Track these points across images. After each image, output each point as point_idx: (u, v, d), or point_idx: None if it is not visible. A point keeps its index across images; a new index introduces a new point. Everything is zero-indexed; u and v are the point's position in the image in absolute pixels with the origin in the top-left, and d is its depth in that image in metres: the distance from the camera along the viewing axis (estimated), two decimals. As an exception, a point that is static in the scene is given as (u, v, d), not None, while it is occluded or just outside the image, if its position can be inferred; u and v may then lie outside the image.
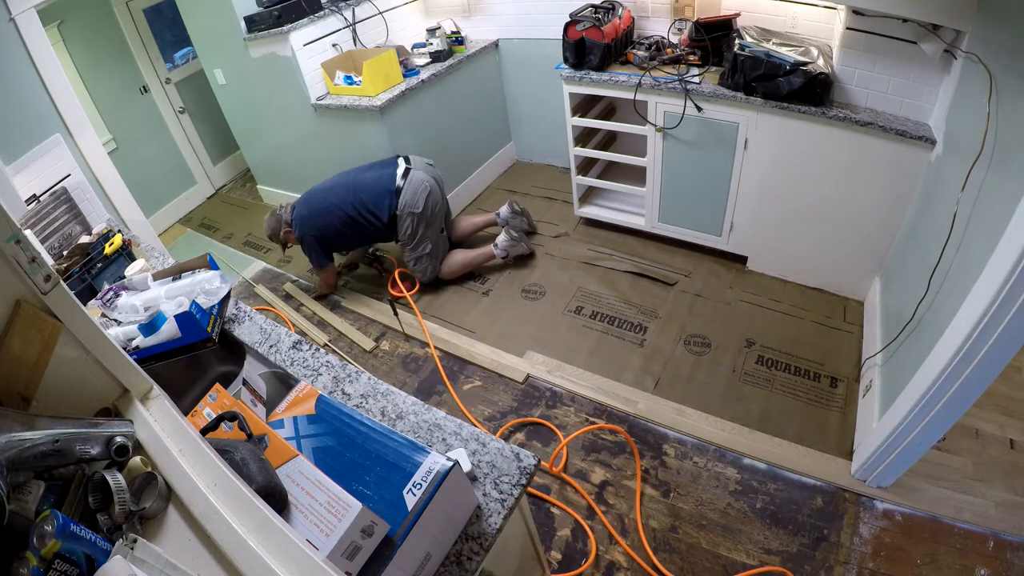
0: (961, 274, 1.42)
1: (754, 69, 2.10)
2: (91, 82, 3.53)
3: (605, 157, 2.94)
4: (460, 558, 0.88)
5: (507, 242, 2.91)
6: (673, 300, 2.62)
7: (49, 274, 0.76)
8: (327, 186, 2.73)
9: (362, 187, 2.63)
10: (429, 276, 2.84)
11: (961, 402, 1.41)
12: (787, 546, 1.68)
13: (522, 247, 2.94)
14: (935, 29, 1.77)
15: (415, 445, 0.84)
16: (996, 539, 1.61)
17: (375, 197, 2.61)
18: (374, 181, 2.64)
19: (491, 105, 3.63)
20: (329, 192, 2.68)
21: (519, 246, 2.93)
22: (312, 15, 2.92)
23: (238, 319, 1.49)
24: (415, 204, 2.60)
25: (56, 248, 1.90)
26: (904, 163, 1.99)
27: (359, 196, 2.62)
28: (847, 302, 2.46)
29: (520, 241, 2.94)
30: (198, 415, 1.01)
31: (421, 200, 2.60)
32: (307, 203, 2.71)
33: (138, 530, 0.73)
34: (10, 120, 2.15)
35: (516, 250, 2.93)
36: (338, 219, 2.64)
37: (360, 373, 1.24)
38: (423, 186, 2.61)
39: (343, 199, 2.63)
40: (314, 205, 2.68)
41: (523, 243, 2.95)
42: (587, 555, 1.73)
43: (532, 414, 2.19)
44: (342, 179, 2.72)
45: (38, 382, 0.79)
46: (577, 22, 2.49)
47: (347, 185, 2.67)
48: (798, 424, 2.01)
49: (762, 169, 2.34)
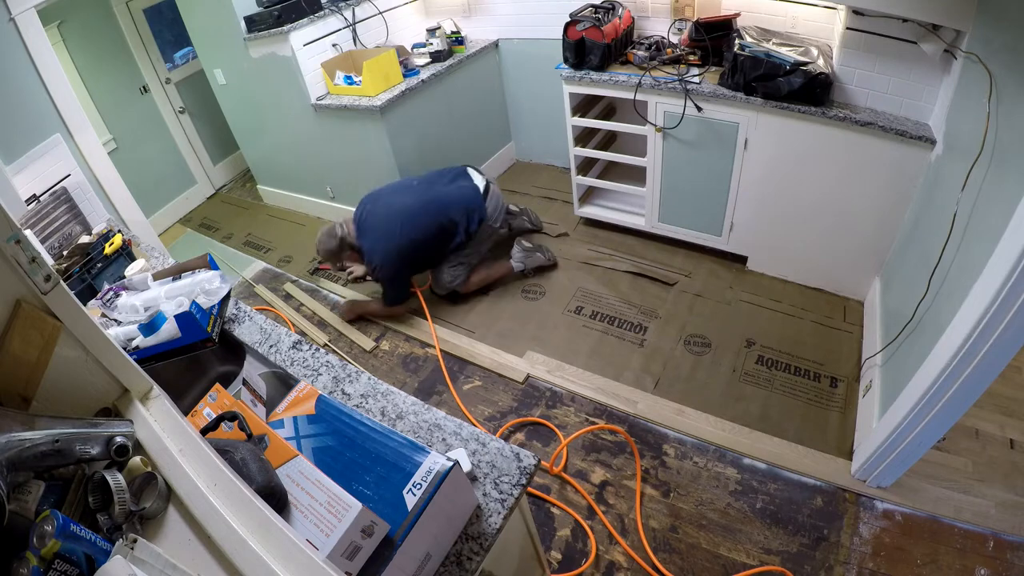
0: (961, 274, 1.42)
1: (754, 69, 2.10)
2: (91, 82, 3.53)
3: (605, 157, 2.94)
4: (460, 558, 0.88)
5: (521, 254, 2.83)
6: (673, 300, 2.62)
7: (49, 274, 0.76)
8: (406, 206, 2.45)
9: (447, 202, 2.48)
10: (457, 285, 2.68)
11: (961, 402, 1.41)
12: (787, 546, 1.68)
13: (539, 257, 2.85)
14: (935, 29, 1.77)
15: (415, 445, 0.84)
16: (996, 539, 1.61)
17: (466, 212, 2.48)
18: (458, 196, 2.50)
19: (491, 105, 3.63)
20: (414, 214, 2.44)
21: (535, 256, 2.84)
22: (312, 15, 2.92)
23: (238, 319, 1.49)
24: (495, 220, 2.59)
25: (56, 248, 1.90)
26: (904, 163, 1.99)
27: (448, 214, 2.46)
28: (847, 302, 2.46)
29: (535, 252, 2.85)
30: (198, 415, 1.01)
31: (499, 218, 2.59)
32: (387, 232, 2.41)
33: (138, 530, 0.73)
34: (10, 120, 2.15)
35: (533, 261, 2.83)
36: (426, 242, 2.46)
37: (360, 373, 1.24)
38: (501, 203, 2.60)
39: (435, 217, 2.44)
40: (397, 235, 2.40)
41: (539, 253, 2.85)
42: (587, 555, 1.73)
43: (532, 414, 2.19)
44: (415, 196, 2.49)
45: (38, 382, 0.79)
46: (577, 22, 2.49)
47: (433, 202, 2.47)
48: (798, 424, 2.01)
49: (762, 169, 2.34)
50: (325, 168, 3.45)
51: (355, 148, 3.13)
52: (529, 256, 2.83)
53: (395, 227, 2.42)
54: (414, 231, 2.43)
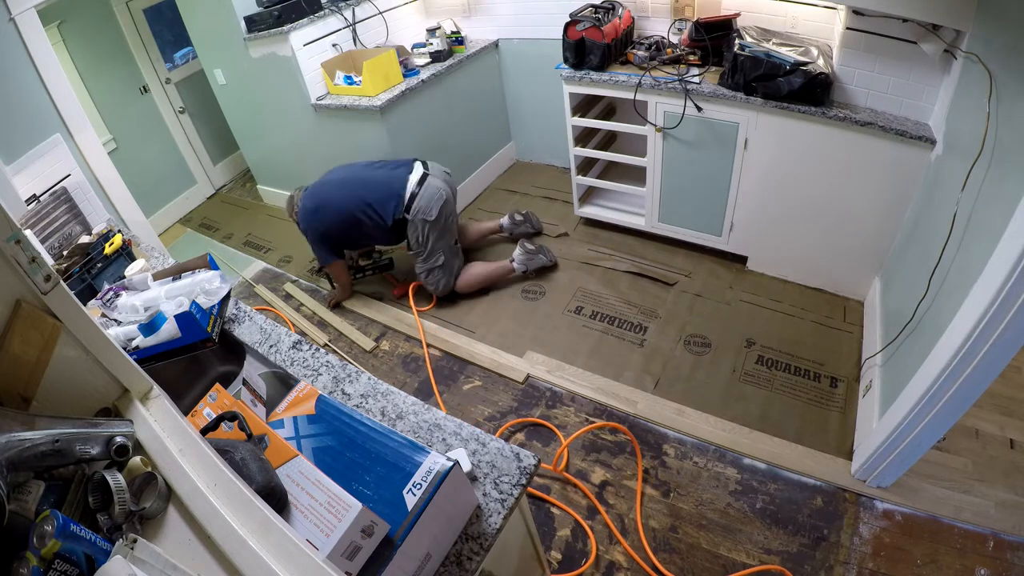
0: (961, 274, 1.42)
1: (754, 69, 2.10)
2: (91, 82, 3.53)
3: (605, 157, 2.94)
4: (460, 558, 0.88)
5: (523, 256, 2.82)
6: (673, 300, 2.62)
7: (49, 274, 0.76)
8: (334, 179, 2.66)
9: (370, 184, 2.56)
10: (443, 290, 2.74)
11: (961, 402, 1.41)
12: (787, 546, 1.68)
13: (541, 259, 2.85)
14: (935, 29, 1.77)
15: (415, 445, 0.84)
16: (996, 539, 1.61)
17: (382, 197, 2.53)
18: (384, 181, 2.56)
19: (491, 105, 3.62)
20: (335, 187, 2.61)
21: (537, 259, 2.84)
22: (312, 15, 2.92)
23: (238, 319, 1.49)
24: (428, 212, 2.51)
25: (56, 248, 1.90)
26: (904, 163, 1.99)
27: (364, 194, 2.54)
28: (847, 302, 2.46)
29: (537, 253, 2.84)
30: (198, 415, 1.01)
31: (435, 209, 2.52)
32: (313, 196, 2.63)
33: (138, 530, 0.73)
34: (10, 120, 2.15)
35: (535, 263, 2.84)
36: (341, 216, 2.57)
37: (360, 373, 1.24)
38: (439, 194, 2.53)
39: (349, 195, 2.56)
40: (319, 198, 2.61)
41: (541, 255, 2.85)
42: (587, 555, 1.73)
43: (532, 414, 2.19)
44: (350, 173, 2.65)
45: (38, 382, 0.79)
46: (577, 22, 2.49)
47: (355, 180, 2.60)
48: (798, 424, 2.01)
49: (762, 169, 2.34)
50: (325, 168, 3.40)
51: (355, 148, 3.13)
52: (531, 258, 2.83)
53: (321, 192, 2.63)
54: (326, 203, 2.59)
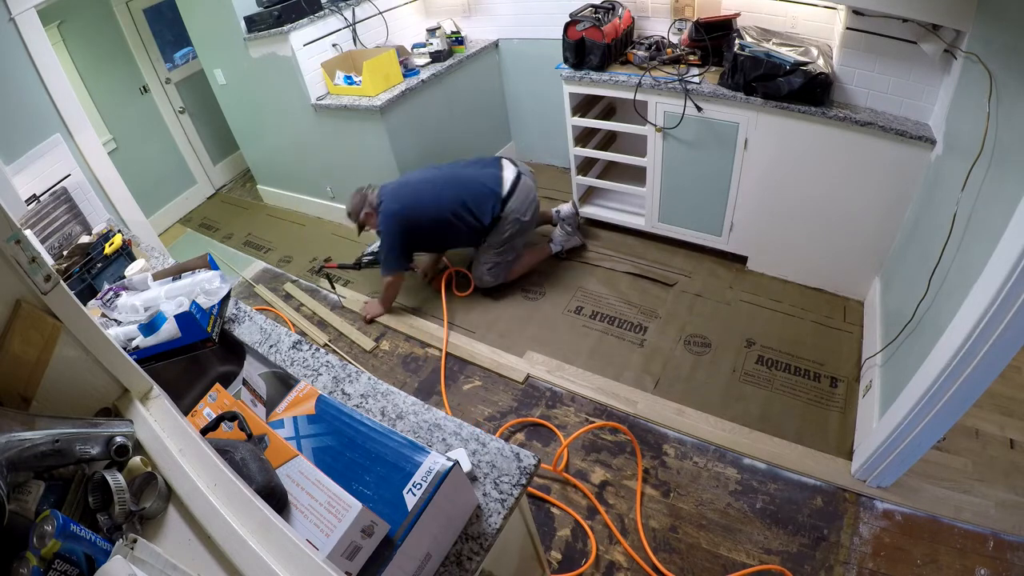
0: (961, 274, 1.42)
1: (754, 69, 2.10)
2: (91, 82, 3.53)
3: (605, 157, 2.94)
4: (460, 558, 0.88)
5: (563, 237, 2.91)
6: (673, 300, 2.62)
7: (49, 274, 0.76)
8: (422, 178, 2.55)
9: (467, 183, 2.49)
10: (497, 281, 2.73)
11: (961, 402, 1.41)
12: (787, 546, 1.68)
13: (576, 240, 2.96)
14: (935, 29, 1.77)
15: (415, 445, 0.84)
16: (996, 539, 1.61)
17: (479, 197, 2.47)
18: (477, 179, 2.51)
19: (491, 105, 3.62)
20: (425, 185, 2.50)
21: (573, 239, 2.95)
22: (312, 15, 2.92)
23: (238, 319, 1.49)
24: (523, 212, 2.53)
25: (56, 248, 1.90)
26: (904, 163, 1.98)
27: (461, 193, 2.46)
28: (847, 302, 2.46)
29: (574, 235, 2.94)
30: (198, 415, 1.01)
31: (530, 210, 2.55)
32: (397, 197, 2.48)
33: (138, 530, 0.73)
34: (10, 120, 2.15)
35: (570, 243, 2.94)
36: (432, 216, 2.47)
37: (360, 373, 1.24)
38: (532, 195, 2.56)
39: (442, 195, 2.46)
40: (406, 199, 2.46)
41: (576, 236, 2.96)
42: (587, 555, 1.73)
43: (532, 414, 2.19)
44: (440, 173, 2.56)
45: (38, 382, 0.79)
46: (577, 22, 2.49)
47: (448, 180, 2.51)
48: (798, 424, 2.01)
49: (762, 169, 2.34)
50: (325, 168, 3.46)
51: (355, 148, 3.13)
52: (568, 239, 2.93)
53: (406, 193, 2.49)
54: (416, 203, 2.47)
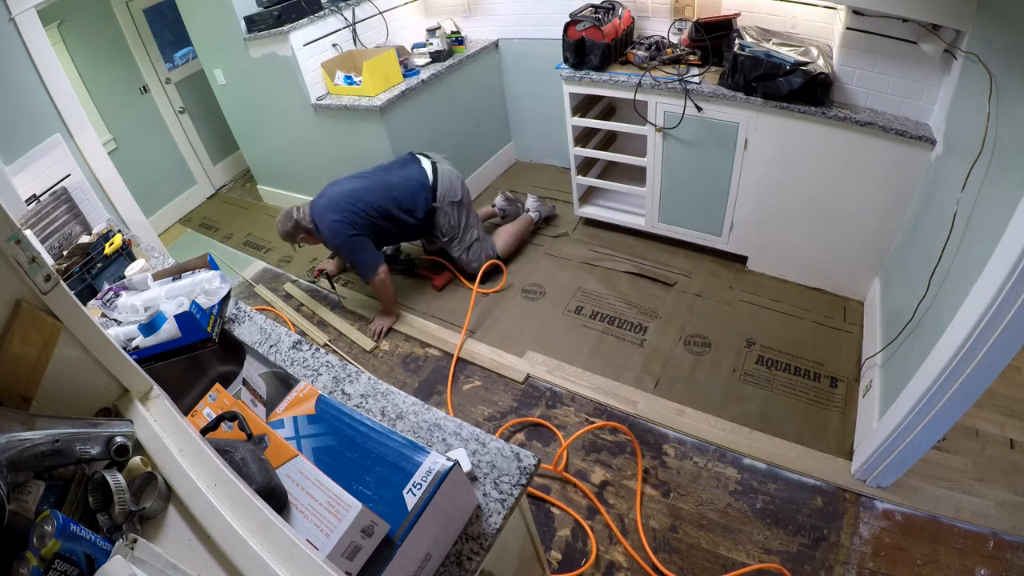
0: (961, 274, 1.42)
1: (754, 69, 2.10)
2: (91, 82, 3.53)
3: (605, 157, 2.94)
4: (460, 558, 0.88)
5: (537, 203, 3.16)
6: (673, 300, 2.62)
7: (49, 274, 0.76)
8: (351, 187, 2.54)
9: (393, 185, 2.55)
10: (486, 258, 2.79)
11: (961, 402, 1.41)
12: (787, 546, 1.68)
13: (548, 206, 3.22)
14: (935, 29, 1.77)
15: (415, 445, 0.84)
16: (996, 539, 1.61)
17: (410, 193, 2.55)
18: (405, 179, 2.57)
19: (491, 105, 3.62)
20: (361, 193, 2.52)
21: (546, 205, 3.20)
22: (312, 15, 2.92)
23: (238, 319, 1.49)
24: (454, 193, 2.63)
25: (56, 248, 1.90)
26: (904, 163, 1.98)
27: (394, 195, 2.53)
28: (847, 302, 2.46)
29: (545, 201, 3.23)
30: (198, 415, 1.01)
31: (458, 188, 2.65)
32: (334, 208, 2.48)
33: (138, 530, 0.73)
34: (10, 120, 2.15)
35: (545, 210, 3.19)
36: (375, 219, 2.51)
37: (360, 373, 1.24)
38: (454, 175, 2.66)
39: (382, 198, 2.51)
40: (345, 209, 2.47)
41: (547, 203, 3.22)
42: (587, 555, 1.73)
43: (532, 414, 2.19)
44: (371, 182, 2.57)
45: (38, 382, 0.79)
46: (577, 22, 2.49)
47: (373, 184, 2.55)
48: (798, 424, 2.01)
49: (762, 169, 2.34)
50: (325, 168, 3.44)
51: (355, 148, 3.13)
52: (543, 203, 3.19)
53: (342, 203, 2.49)
54: (363, 204, 2.49)
